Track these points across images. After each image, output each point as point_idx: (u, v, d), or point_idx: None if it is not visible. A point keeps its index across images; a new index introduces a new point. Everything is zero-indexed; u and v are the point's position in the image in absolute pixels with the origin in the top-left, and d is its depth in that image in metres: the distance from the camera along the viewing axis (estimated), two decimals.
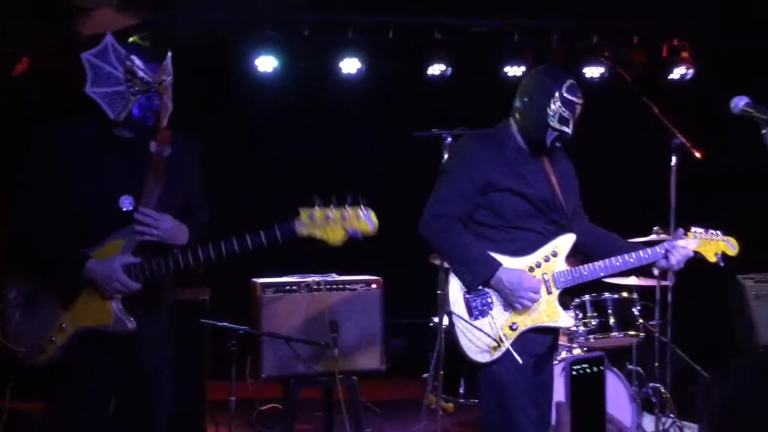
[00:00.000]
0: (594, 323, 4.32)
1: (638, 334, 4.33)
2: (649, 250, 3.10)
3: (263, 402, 5.12)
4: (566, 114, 3.01)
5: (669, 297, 4.73)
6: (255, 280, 4.54)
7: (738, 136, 3.29)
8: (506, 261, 2.99)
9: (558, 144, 3.07)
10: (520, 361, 2.93)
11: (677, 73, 6.23)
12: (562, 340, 4.37)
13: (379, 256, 5.90)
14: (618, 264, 3.08)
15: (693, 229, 3.17)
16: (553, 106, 3.00)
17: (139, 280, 2.72)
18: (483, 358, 2.96)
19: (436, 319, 4.55)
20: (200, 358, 4.48)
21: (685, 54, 6.11)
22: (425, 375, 5.03)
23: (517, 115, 3.10)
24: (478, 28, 6.34)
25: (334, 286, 4.54)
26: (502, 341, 2.93)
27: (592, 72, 6.19)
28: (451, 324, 2.98)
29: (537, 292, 2.98)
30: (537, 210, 3.05)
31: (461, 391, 4.86)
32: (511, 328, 2.98)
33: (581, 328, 4.35)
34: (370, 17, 6.09)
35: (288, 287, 4.48)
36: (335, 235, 2.72)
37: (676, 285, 4.72)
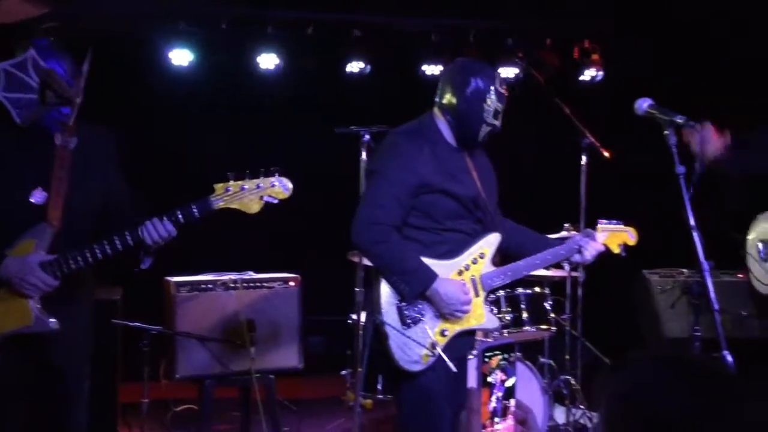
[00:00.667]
0: (508, 318, 4.41)
1: (550, 328, 4.45)
2: (565, 247, 3.19)
3: (178, 403, 5.02)
4: (499, 108, 3.01)
5: (579, 292, 4.88)
6: (168, 278, 4.45)
7: (644, 137, 3.41)
8: (435, 265, 2.95)
9: (487, 138, 3.06)
10: (454, 369, 2.90)
11: (588, 74, 6.42)
12: (477, 335, 4.44)
13: (297, 253, 5.88)
14: (538, 263, 3.15)
15: (600, 223, 3.28)
16: (489, 101, 2.98)
17: (57, 277, 2.65)
18: (416, 367, 2.92)
19: (354, 317, 4.56)
20: (112, 359, 4.36)
21: (595, 56, 6.30)
22: (343, 372, 5.04)
23: (447, 110, 3.02)
24: (396, 27, 6.38)
25: (251, 284, 4.48)
26: (434, 349, 2.91)
27: (507, 72, 6.31)
28: (384, 335, 2.91)
29: (469, 303, 2.97)
30: (466, 210, 3.02)
31: (379, 387, 4.88)
32: (442, 334, 2.96)
33: None
34: (289, 12, 6.05)
35: (203, 286, 4.40)
36: (252, 205, 2.79)
37: (586, 280, 4.88)
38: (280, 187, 2.77)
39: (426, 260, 2.94)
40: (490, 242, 3.07)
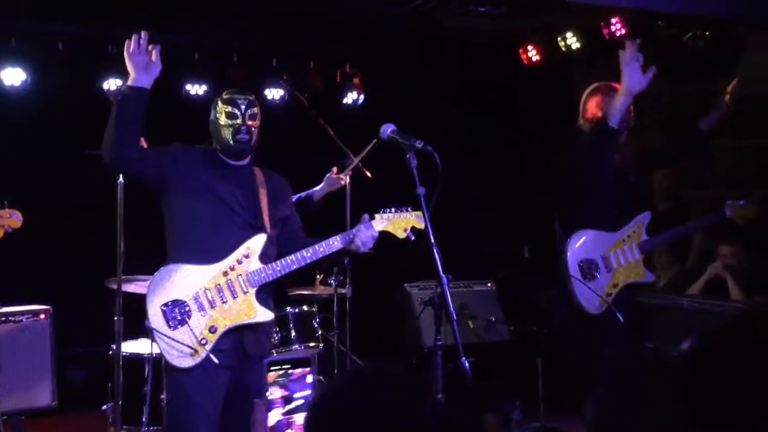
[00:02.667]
0: (276, 338, 4.42)
1: (318, 345, 4.53)
2: (338, 237, 3.28)
3: None
4: (238, 124, 3.26)
5: (347, 307, 5.02)
6: None
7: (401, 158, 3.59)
8: (200, 269, 3.11)
9: (250, 151, 3.32)
10: (216, 361, 3.06)
11: (350, 97, 6.64)
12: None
13: (49, 283, 5.46)
14: (309, 255, 3.23)
15: (381, 212, 3.36)
16: (227, 122, 3.29)
17: None
18: (185, 363, 3.04)
19: (114, 347, 4.32)
20: None
21: (356, 80, 6.53)
22: (104, 407, 4.75)
23: (212, 137, 3.36)
24: (155, 44, 6.15)
25: None
26: (202, 346, 3.04)
27: (273, 94, 6.35)
28: (153, 340, 3.09)
29: (148, 60, 3.32)
30: (235, 214, 3.20)
31: (144, 419, 4.66)
32: (210, 330, 3.09)
33: None
34: (35, 25, 5.62)
35: None
36: None
37: (353, 296, 5.03)
38: (14, 218, 3.08)
39: (191, 267, 3.12)
40: (255, 242, 3.21)
